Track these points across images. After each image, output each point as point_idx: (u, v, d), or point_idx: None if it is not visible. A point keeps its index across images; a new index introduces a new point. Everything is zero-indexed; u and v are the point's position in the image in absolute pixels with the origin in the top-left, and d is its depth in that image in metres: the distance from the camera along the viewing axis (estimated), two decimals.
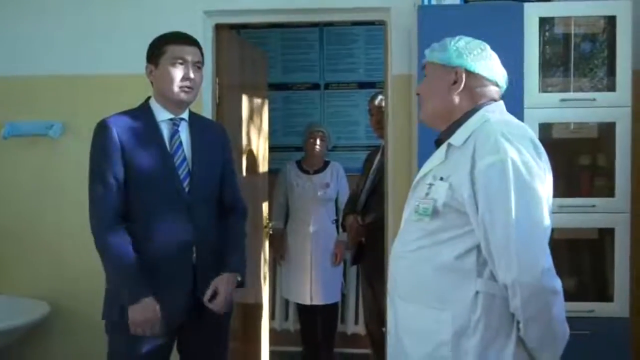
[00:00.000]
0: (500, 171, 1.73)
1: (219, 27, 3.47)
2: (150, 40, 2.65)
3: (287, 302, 5.08)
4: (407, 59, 3.26)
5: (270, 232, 4.33)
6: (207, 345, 2.57)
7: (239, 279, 2.58)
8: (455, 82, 1.93)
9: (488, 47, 1.98)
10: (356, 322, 5.04)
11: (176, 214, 2.44)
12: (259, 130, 4.08)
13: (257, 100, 4.05)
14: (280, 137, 5.22)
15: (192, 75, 2.46)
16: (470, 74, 1.92)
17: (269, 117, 4.38)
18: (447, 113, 1.95)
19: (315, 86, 5.30)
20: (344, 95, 5.27)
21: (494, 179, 1.73)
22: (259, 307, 3.99)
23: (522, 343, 1.79)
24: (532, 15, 2.85)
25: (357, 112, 5.24)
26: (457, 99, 1.93)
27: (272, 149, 4.46)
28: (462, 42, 1.95)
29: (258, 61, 4.15)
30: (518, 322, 1.77)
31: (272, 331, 4.59)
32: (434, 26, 2.78)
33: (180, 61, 2.46)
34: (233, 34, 3.76)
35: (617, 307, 2.85)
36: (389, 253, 3.29)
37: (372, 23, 4.70)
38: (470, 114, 1.91)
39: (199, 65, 2.51)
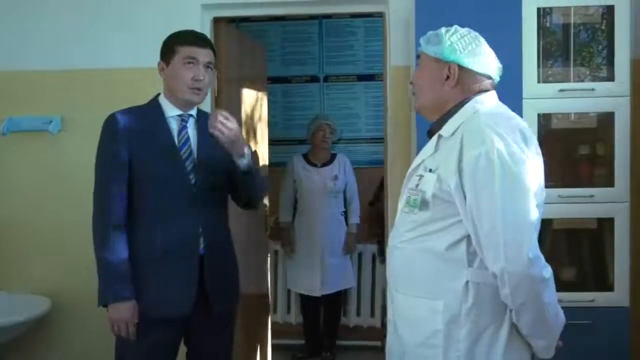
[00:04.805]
0: (487, 162, 1.74)
1: (217, 21, 3.47)
2: (148, 34, 2.64)
3: (289, 295, 5.10)
4: (406, 51, 3.26)
5: (272, 225, 4.33)
6: (214, 337, 2.60)
7: (247, 151, 2.50)
8: (448, 77, 1.94)
9: (482, 40, 1.98)
10: (358, 314, 5.06)
11: (183, 207, 2.47)
12: (259, 123, 4.07)
13: (257, 94, 4.04)
14: (280, 130, 5.23)
15: (202, 76, 2.48)
16: (463, 69, 1.93)
17: (269, 110, 4.37)
18: (439, 105, 1.97)
19: (315, 79, 5.31)
20: (344, 88, 5.28)
21: (480, 170, 1.75)
22: (262, 299, 4.00)
23: (515, 330, 1.82)
24: (530, 5, 2.84)
25: (357, 105, 5.25)
26: (449, 92, 1.95)
27: (272, 142, 4.47)
28: (456, 36, 1.95)
29: (257, 54, 4.14)
30: (511, 310, 1.80)
31: (274, 324, 4.60)
32: (431, 17, 2.78)
33: (192, 61, 2.47)
34: (231, 28, 3.76)
35: (618, 296, 2.85)
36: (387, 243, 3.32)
37: (370, 15, 4.70)
38: (460, 105, 1.93)
39: (210, 66, 2.53)
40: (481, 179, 1.75)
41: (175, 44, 2.49)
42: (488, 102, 1.94)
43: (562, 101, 2.88)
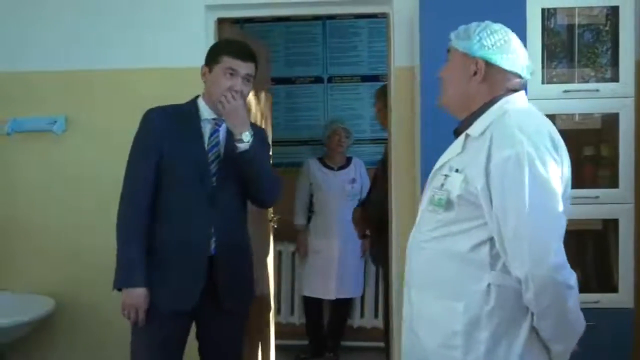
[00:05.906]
0: (516, 164, 1.71)
1: (221, 21, 3.46)
2: (151, 35, 2.64)
3: (292, 296, 5.10)
4: (410, 51, 3.26)
5: (275, 225, 4.33)
6: (224, 334, 2.69)
7: (246, 136, 2.52)
8: (475, 73, 1.91)
9: (513, 37, 1.95)
10: (362, 316, 5.06)
11: (200, 207, 2.56)
12: (263, 124, 4.07)
13: (260, 94, 4.03)
14: (283, 131, 5.23)
15: (239, 87, 2.55)
16: (491, 65, 1.90)
17: (272, 111, 4.37)
18: (466, 101, 1.94)
19: (319, 80, 5.30)
20: (348, 89, 5.27)
21: (509, 172, 1.72)
22: (266, 300, 4.00)
23: (534, 334, 1.80)
24: (534, 5, 2.84)
25: (361, 105, 5.25)
26: (476, 89, 1.92)
27: (275, 142, 4.47)
28: (486, 32, 1.92)
29: (261, 55, 4.12)
30: (532, 313, 1.77)
31: (278, 325, 4.60)
32: (436, 17, 2.78)
33: (232, 72, 2.55)
34: (235, 28, 3.76)
35: (622, 297, 2.85)
36: (392, 245, 3.31)
37: (374, 16, 4.69)
38: (490, 104, 1.90)
39: (249, 78, 2.60)
40: (509, 181, 1.72)
41: (221, 53, 2.58)
42: (518, 102, 1.91)
43: (567, 102, 2.87)
